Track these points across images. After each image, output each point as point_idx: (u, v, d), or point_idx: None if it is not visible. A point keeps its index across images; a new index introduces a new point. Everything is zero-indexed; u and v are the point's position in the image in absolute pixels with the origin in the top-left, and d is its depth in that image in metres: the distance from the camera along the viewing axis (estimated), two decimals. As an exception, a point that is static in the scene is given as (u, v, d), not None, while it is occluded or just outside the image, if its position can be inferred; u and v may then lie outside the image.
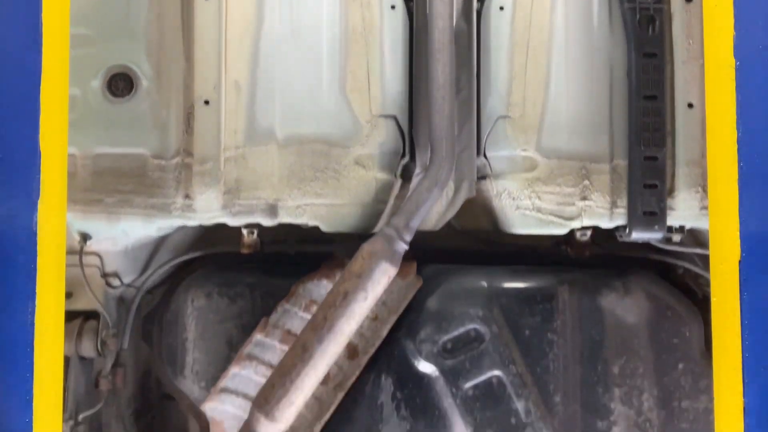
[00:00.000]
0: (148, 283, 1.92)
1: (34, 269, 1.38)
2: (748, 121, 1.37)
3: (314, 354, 1.54)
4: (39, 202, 1.40)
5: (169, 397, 2.10)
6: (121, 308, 1.92)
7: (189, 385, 1.78)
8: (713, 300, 1.39)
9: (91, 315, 1.83)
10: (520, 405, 1.72)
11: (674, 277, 1.95)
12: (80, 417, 1.78)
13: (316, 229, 1.75)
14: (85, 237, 1.72)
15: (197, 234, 1.94)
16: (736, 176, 1.36)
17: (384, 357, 1.74)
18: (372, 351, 1.70)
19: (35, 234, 1.39)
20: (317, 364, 1.54)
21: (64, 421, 1.71)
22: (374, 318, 1.72)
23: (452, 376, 1.73)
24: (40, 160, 1.40)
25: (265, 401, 1.54)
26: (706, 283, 1.83)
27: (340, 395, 1.69)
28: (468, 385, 1.73)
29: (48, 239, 1.40)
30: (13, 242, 1.39)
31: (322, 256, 1.81)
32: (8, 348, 1.37)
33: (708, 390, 1.73)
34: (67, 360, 1.74)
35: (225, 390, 1.72)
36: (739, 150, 1.37)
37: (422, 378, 1.74)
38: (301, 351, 1.55)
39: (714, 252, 1.39)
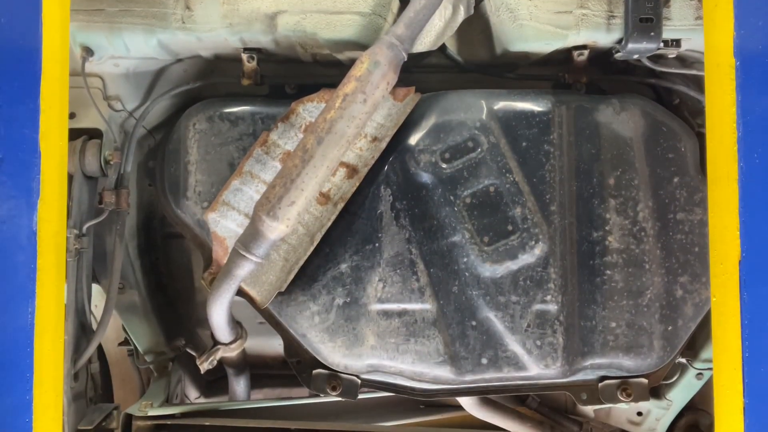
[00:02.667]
0: (148, 114, 1.91)
1: (34, 269, 1.38)
2: (748, 121, 1.37)
3: (315, 155, 1.55)
4: (39, 202, 1.40)
5: (172, 236, 2.13)
6: (123, 138, 1.91)
7: (192, 207, 1.80)
8: (713, 300, 1.39)
9: (94, 135, 1.84)
10: (516, 212, 1.75)
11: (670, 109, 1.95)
12: (84, 228, 1.78)
13: (315, 66, 1.75)
14: (87, 51, 1.72)
15: (197, 68, 1.95)
16: (736, 176, 1.36)
17: (382, 169, 1.76)
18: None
19: (35, 234, 1.39)
20: (317, 165, 1.56)
21: (68, 228, 1.71)
22: (373, 139, 1.74)
23: (450, 185, 1.76)
24: (40, 160, 1.40)
25: (267, 201, 1.57)
26: (702, 118, 1.83)
27: (340, 206, 1.72)
28: (466, 193, 1.76)
29: (48, 239, 1.40)
30: (13, 242, 1.39)
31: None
32: (8, 348, 1.37)
33: (702, 203, 1.76)
34: (70, 177, 1.73)
35: (227, 204, 1.75)
36: (739, 150, 1.37)
37: (421, 187, 1.77)
38: (301, 152, 1.57)
39: (714, 252, 1.39)
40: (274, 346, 2.28)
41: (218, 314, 1.72)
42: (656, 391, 2.15)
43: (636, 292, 1.77)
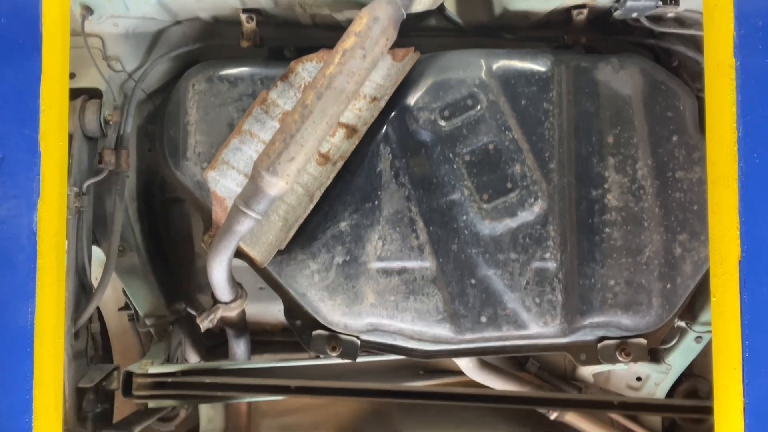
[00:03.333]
0: (147, 76, 1.91)
1: (34, 269, 1.38)
2: (748, 121, 1.37)
3: (314, 110, 1.56)
4: (39, 202, 1.40)
5: (172, 201, 2.14)
6: (123, 100, 1.92)
7: (191, 168, 1.80)
8: (713, 300, 1.39)
9: (93, 95, 1.84)
10: (515, 170, 1.74)
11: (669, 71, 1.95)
12: (84, 186, 1.78)
13: (314, 29, 1.76)
14: (87, 10, 1.72)
15: (196, 30, 1.95)
16: (736, 176, 1.36)
17: (382, 127, 1.76)
18: None
19: (35, 234, 1.39)
20: (317, 121, 1.56)
21: (68, 186, 1.70)
22: (372, 99, 1.74)
23: (449, 143, 1.75)
24: (40, 160, 1.40)
25: (266, 157, 1.57)
26: (701, 82, 1.83)
27: (339, 164, 1.73)
28: (465, 150, 1.75)
29: (48, 239, 1.40)
30: (13, 242, 1.39)
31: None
32: (8, 348, 1.37)
33: (701, 162, 1.76)
34: (70, 136, 1.72)
35: (226, 163, 1.75)
36: (739, 150, 1.37)
37: (420, 145, 1.77)
38: (301, 108, 1.57)
39: (714, 252, 1.39)
40: (274, 312, 2.27)
41: (218, 271, 1.72)
42: (655, 355, 2.15)
43: (635, 250, 1.76)
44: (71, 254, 1.73)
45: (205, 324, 1.82)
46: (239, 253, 1.74)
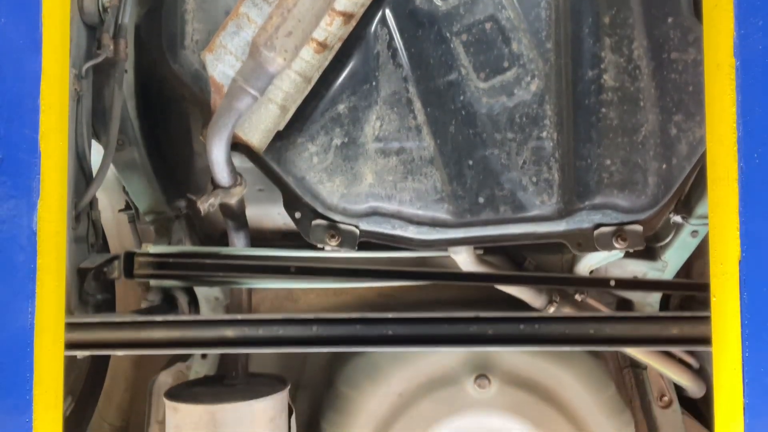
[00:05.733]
0: None
1: (34, 269, 1.38)
2: (748, 121, 1.37)
3: None
4: (39, 202, 1.40)
5: (171, 101, 2.12)
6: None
7: (189, 57, 1.80)
8: (713, 300, 1.39)
9: None
10: (512, 48, 1.75)
11: None
12: (83, 69, 1.76)
13: None
14: None
15: None
16: (736, 176, 1.36)
17: (378, 9, 1.76)
18: None
19: (35, 234, 1.39)
20: None
21: (69, 69, 1.68)
22: None
23: (446, 22, 1.76)
24: (40, 160, 1.40)
25: (264, 32, 1.60)
26: None
27: (337, 47, 1.73)
28: (462, 30, 1.75)
29: (48, 239, 1.40)
30: (13, 242, 1.39)
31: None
32: (8, 348, 1.38)
33: (696, 43, 1.76)
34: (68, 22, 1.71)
35: (223, 46, 1.75)
36: (739, 150, 1.37)
37: (417, 26, 1.77)
38: None
39: (714, 252, 1.39)
40: (274, 216, 2.27)
41: (218, 148, 1.71)
42: (652, 253, 2.16)
43: (631, 129, 1.76)
44: (72, 139, 1.70)
45: (204, 207, 1.80)
46: (236, 145, 1.76)
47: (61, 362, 1.43)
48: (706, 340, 1.44)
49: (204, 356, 2.27)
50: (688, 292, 2.16)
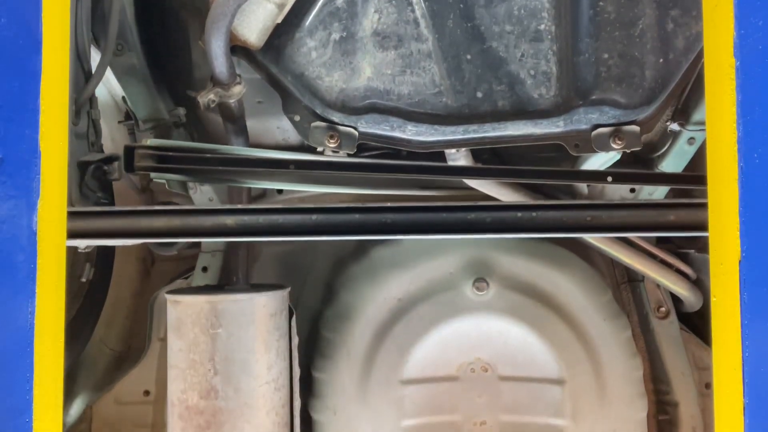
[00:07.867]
0: None
1: (34, 269, 1.38)
2: (748, 121, 1.37)
3: None
4: (39, 202, 1.40)
5: (169, 12, 2.12)
6: None
7: None
8: (713, 300, 1.39)
9: None
10: None
11: None
12: None
13: None
14: None
15: None
16: (736, 176, 1.36)
17: None
18: None
19: (35, 234, 1.39)
20: None
21: None
22: None
23: None
24: (40, 160, 1.40)
25: None
26: None
27: None
28: None
29: (48, 239, 1.40)
30: (13, 242, 1.39)
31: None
32: (8, 348, 1.37)
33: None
34: None
35: None
36: (739, 150, 1.37)
37: None
38: None
39: (714, 252, 1.39)
40: (273, 131, 2.28)
41: (217, 40, 1.70)
42: (648, 163, 2.17)
43: (628, 23, 1.76)
44: (72, 36, 1.68)
45: (205, 101, 1.81)
46: (234, 47, 1.76)
47: (61, 362, 1.43)
48: (702, 227, 1.43)
49: (205, 269, 2.31)
50: (685, 185, 2.12)
